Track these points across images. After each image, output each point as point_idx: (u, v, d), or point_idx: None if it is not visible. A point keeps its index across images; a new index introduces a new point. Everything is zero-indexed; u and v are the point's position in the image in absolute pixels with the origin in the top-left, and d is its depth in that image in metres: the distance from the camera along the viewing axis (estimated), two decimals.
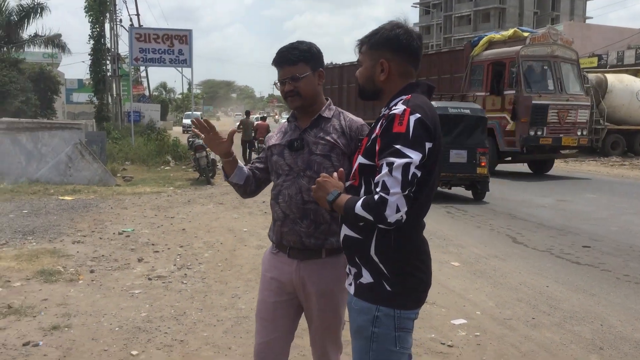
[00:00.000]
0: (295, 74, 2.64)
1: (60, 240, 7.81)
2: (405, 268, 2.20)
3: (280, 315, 2.75)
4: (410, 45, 2.27)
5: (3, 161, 13.60)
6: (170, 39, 22.41)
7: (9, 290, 5.67)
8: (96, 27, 22.41)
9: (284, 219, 2.69)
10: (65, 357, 4.15)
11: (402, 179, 2.03)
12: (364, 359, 2.22)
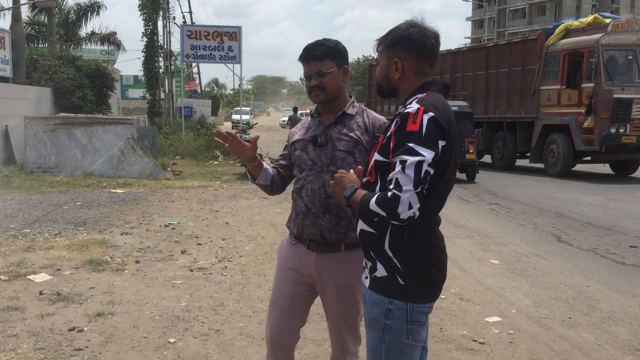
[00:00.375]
0: (322, 69, 2.71)
1: (110, 232, 8.12)
2: (418, 262, 2.24)
3: (297, 305, 2.85)
4: (424, 44, 2.30)
5: (60, 155, 14.19)
6: (220, 36, 22.77)
7: (59, 278, 5.96)
8: (149, 25, 23.02)
9: (306, 213, 2.77)
10: (107, 343, 4.35)
11: (415, 176, 2.08)
12: (377, 350, 2.28)
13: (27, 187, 12.30)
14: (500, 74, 18.75)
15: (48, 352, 4.15)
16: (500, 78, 18.70)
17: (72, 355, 4.11)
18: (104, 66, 21.96)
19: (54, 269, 6.28)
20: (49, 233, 7.98)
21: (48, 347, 4.24)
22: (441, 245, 2.35)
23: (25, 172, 13.86)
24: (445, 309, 5.22)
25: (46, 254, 6.90)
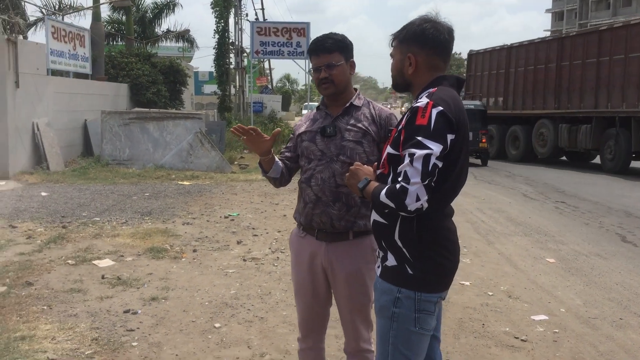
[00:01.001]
0: (331, 61, 2.79)
1: (172, 221, 8.48)
2: (427, 253, 2.28)
3: (319, 291, 2.94)
4: (437, 39, 2.33)
5: (133, 148, 14.85)
6: (289, 32, 23.07)
7: (121, 264, 6.30)
8: (221, 23, 23.63)
9: (316, 202, 2.84)
10: (157, 325, 4.60)
11: (422, 169, 2.12)
12: (385, 337, 2.34)
13: (102, 178, 12.97)
14: (614, 62, 16.59)
15: (102, 331, 4.43)
16: (614, 66, 16.58)
17: (124, 335, 4.37)
18: (177, 63, 22.71)
19: (117, 255, 6.65)
20: (117, 221, 8.42)
21: (103, 327, 4.52)
22: (451, 237, 2.37)
23: (102, 164, 14.59)
24: (490, 306, 5.18)
25: (112, 241, 7.29)
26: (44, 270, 6.00)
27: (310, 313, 3.00)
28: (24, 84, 13.18)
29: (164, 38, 27.24)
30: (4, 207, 9.42)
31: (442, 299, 2.40)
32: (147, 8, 26.21)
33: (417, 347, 2.32)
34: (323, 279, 2.93)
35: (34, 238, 7.38)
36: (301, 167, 2.95)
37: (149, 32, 26.48)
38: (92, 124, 16.29)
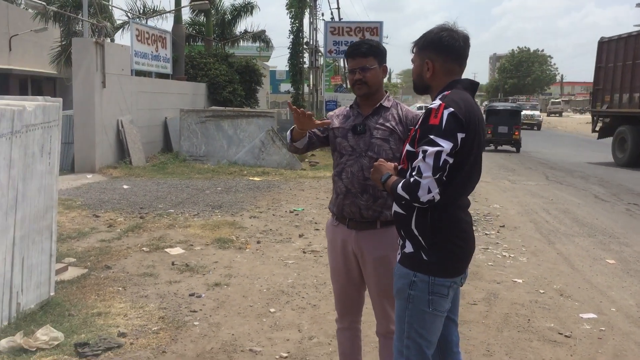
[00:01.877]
0: (366, 65, 3.04)
1: (240, 215, 8.93)
2: (440, 241, 2.49)
3: (352, 276, 3.20)
4: (453, 46, 2.55)
5: (209, 144, 15.55)
6: (362, 32, 23.32)
7: (190, 253, 6.77)
8: (295, 23, 24.17)
9: (346, 193, 3.10)
10: (217, 308, 4.98)
11: (434, 164, 2.35)
12: (402, 317, 2.57)
13: (179, 173, 13.69)
14: None
15: (169, 311, 4.86)
16: None
17: (187, 315, 4.78)
18: (253, 62, 23.42)
19: (187, 244, 7.13)
20: (189, 214, 8.95)
21: (169, 307, 4.96)
22: (465, 227, 2.56)
23: (179, 159, 15.37)
24: (539, 303, 5.25)
25: (184, 231, 7.80)
26: (121, 255, 6.55)
27: (345, 295, 3.27)
28: (110, 84, 14.09)
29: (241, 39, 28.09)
30: (90, 198, 10.19)
31: (458, 284, 2.59)
32: (226, 10, 27.09)
33: (431, 326, 2.53)
34: (355, 264, 3.18)
35: (114, 227, 8.00)
36: (333, 161, 3.23)
37: (227, 33, 27.37)
38: (172, 121, 17.15)
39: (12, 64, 21.96)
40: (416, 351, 2.53)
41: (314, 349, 4.18)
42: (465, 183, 2.53)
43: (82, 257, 6.44)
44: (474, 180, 2.60)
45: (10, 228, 4.31)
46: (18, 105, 4.35)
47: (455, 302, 2.75)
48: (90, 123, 13.57)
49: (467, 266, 2.62)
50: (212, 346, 4.19)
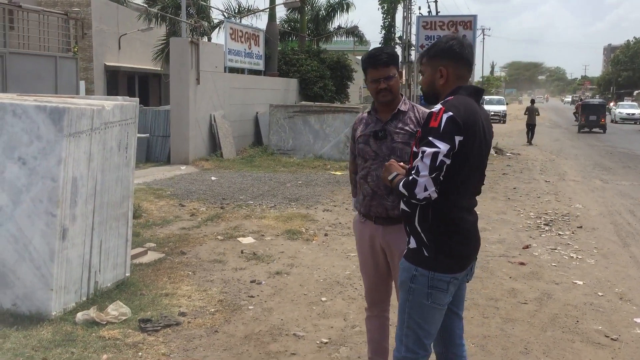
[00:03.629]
0: (389, 74, 3.22)
1: (315, 208, 9.27)
2: (441, 238, 2.65)
3: (380, 267, 3.41)
4: (463, 54, 2.70)
5: (296, 139, 16.06)
6: (455, 25, 23.04)
7: (260, 242, 7.18)
8: (387, 18, 24.25)
9: (372, 195, 3.30)
10: (274, 294, 5.33)
11: (430, 164, 2.51)
12: (403, 307, 2.75)
13: (265, 166, 14.26)
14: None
15: (228, 295, 5.26)
16: None
17: (244, 300, 5.16)
18: (344, 58, 23.75)
19: (259, 234, 7.55)
20: (267, 205, 9.40)
21: (230, 292, 5.35)
22: (467, 227, 2.70)
23: (268, 153, 15.99)
24: (594, 305, 5.18)
25: (258, 222, 8.24)
26: (197, 243, 7.06)
27: (374, 286, 3.49)
28: (204, 81, 14.89)
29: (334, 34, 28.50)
30: (179, 188, 10.91)
31: (459, 280, 2.74)
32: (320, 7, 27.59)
33: (429, 318, 2.70)
34: (383, 258, 3.39)
35: (196, 216, 8.57)
36: (358, 165, 3.42)
37: (322, 29, 27.86)
38: (263, 116, 17.81)
39: (121, 62, 23.55)
40: (414, 340, 2.72)
41: (354, 336, 4.41)
42: (466, 184, 2.67)
43: (162, 242, 7.00)
44: (477, 182, 2.73)
45: (89, 214, 4.85)
46: (98, 105, 4.88)
47: (460, 297, 2.89)
48: (185, 118, 14.41)
49: (469, 264, 2.76)
50: (261, 329, 4.52)
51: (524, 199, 10.58)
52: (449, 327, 2.89)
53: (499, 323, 4.75)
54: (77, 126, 4.59)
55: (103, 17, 22.39)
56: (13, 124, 4.53)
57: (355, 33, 28.27)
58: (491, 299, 5.32)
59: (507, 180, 12.95)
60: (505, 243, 7.39)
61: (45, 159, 4.48)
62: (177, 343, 4.20)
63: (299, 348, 4.22)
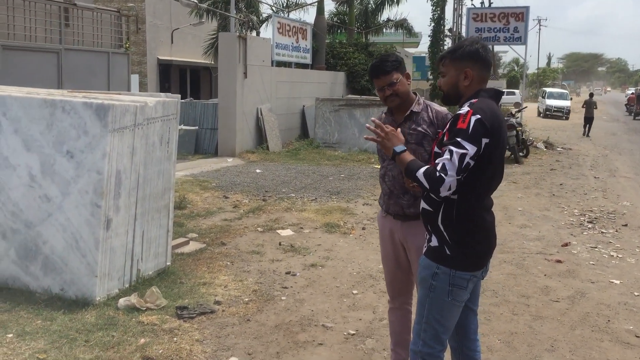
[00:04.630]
0: (392, 80, 3.31)
1: (355, 202, 9.38)
2: (464, 238, 2.73)
3: (401, 260, 3.51)
4: (486, 57, 2.77)
5: (341, 132, 16.17)
6: (506, 17, 22.60)
7: (298, 235, 7.34)
8: (437, 10, 23.98)
9: (389, 194, 3.41)
10: (307, 286, 5.48)
11: (458, 165, 2.58)
12: (423, 303, 2.84)
13: (310, 159, 14.44)
14: None
15: (263, 286, 5.44)
16: None
17: (278, 290, 5.33)
18: (392, 51, 23.62)
19: (298, 227, 7.72)
20: (308, 198, 9.57)
21: (265, 282, 5.54)
22: (487, 226, 2.77)
23: (313, 146, 16.16)
24: (629, 305, 5.14)
25: (298, 215, 8.41)
26: (238, 234, 7.28)
27: (395, 279, 3.59)
28: (251, 75, 15.16)
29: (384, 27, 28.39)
30: (224, 180, 11.20)
31: (478, 277, 2.81)
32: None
33: (448, 314, 2.79)
34: (403, 251, 3.49)
35: (239, 207, 8.81)
36: (380, 163, 3.54)
37: (371, 22, 27.80)
38: (309, 109, 17.99)
39: (174, 56, 24.18)
40: (432, 335, 2.82)
41: (381, 329, 4.52)
42: (489, 184, 2.74)
43: (204, 233, 7.25)
44: (497, 182, 2.81)
45: (132, 205, 5.11)
46: (141, 102, 5.12)
47: (476, 293, 2.97)
48: (232, 111, 14.72)
49: (487, 261, 2.84)
50: (291, 319, 4.69)
51: (570, 196, 10.41)
52: (464, 322, 2.97)
53: (527, 320, 4.77)
54: (121, 122, 4.84)
55: (157, 12, 23.02)
56: (62, 120, 4.82)
57: (404, 26, 28.10)
58: (522, 296, 5.32)
59: (554, 176, 12.74)
60: (544, 240, 7.33)
61: (91, 152, 4.75)
62: (210, 330, 4.40)
63: (327, 338, 4.36)
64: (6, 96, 4.99)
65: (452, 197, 2.71)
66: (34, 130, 4.88)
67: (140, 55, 22.13)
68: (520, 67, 72.55)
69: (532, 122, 27.15)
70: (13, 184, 4.97)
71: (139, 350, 3.99)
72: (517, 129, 14.81)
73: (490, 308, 5.02)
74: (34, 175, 4.89)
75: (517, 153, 14.66)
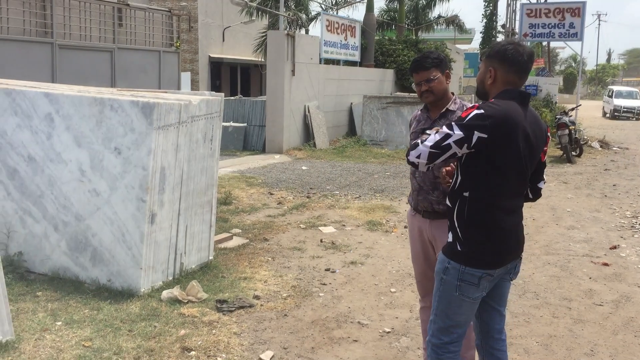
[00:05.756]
0: (429, 77, 3.32)
1: (398, 200, 9.36)
2: (475, 235, 2.74)
3: (430, 258, 3.51)
4: (516, 59, 2.75)
5: (388, 130, 16.13)
6: (562, 13, 22.01)
7: (340, 232, 7.40)
8: (489, 6, 23.61)
9: (419, 190, 3.42)
10: (345, 283, 5.53)
11: (437, 141, 2.68)
12: (435, 295, 2.90)
13: (356, 157, 14.46)
14: None
15: (302, 282, 5.52)
16: None
17: (316, 287, 5.40)
18: (442, 47, 23.38)
19: (340, 224, 7.77)
20: (352, 196, 9.61)
21: (304, 278, 5.61)
22: (504, 226, 2.76)
23: (360, 143, 16.17)
24: None
25: (341, 212, 8.46)
26: (280, 230, 7.39)
27: (425, 277, 3.61)
28: (299, 72, 15.28)
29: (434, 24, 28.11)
30: (270, 177, 11.35)
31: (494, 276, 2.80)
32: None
33: (456, 308, 2.82)
34: (432, 250, 3.50)
35: (283, 204, 8.93)
36: None
37: (421, 19, 27.57)
38: (357, 107, 18.00)
39: (225, 53, 24.58)
40: (440, 327, 2.87)
41: (417, 328, 4.52)
42: (503, 185, 2.73)
43: (248, 229, 7.39)
44: (516, 185, 2.78)
45: (176, 201, 5.26)
46: (185, 100, 5.27)
47: (500, 294, 2.96)
48: (280, 108, 14.87)
49: (506, 262, 2.81)
50: (328, 315, 4.74)
51: (623, 197, 10.11)
52: (487, 321, 2.98)
53: (568, 323, 4.69)
54: (166, 119, 4.99)
55: (209, 10, 23.45)
56: (111, 117, 5.00)
57: (455, 22, 27.76)
58: (565, 299, 5.23)
59: (607, 176, 12.37)
60: (591, 242, 7.16)
61: (137, 149, 4.92)
62: (248, 324, 4.51)
63: (361, 335, 4.40)
64: (59, 95, 5.22)
65: (464, 194, 2.77)
66: (84, 127, 5.09)
67: (192, 53, 22.59)
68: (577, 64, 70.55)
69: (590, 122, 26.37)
70: (65, 179, 5.19)
71: (178, 341, 4.12)
72: (570, 127, 14.44)
73: (531, 310, 4.96)
74: (84, 170, 5.10)
75: (569, 152, 14.29)
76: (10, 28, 9.01)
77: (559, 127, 14.43)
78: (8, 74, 7.96)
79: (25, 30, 9.19)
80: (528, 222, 8.05)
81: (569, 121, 14.69)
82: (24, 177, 5.33)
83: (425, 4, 27.30)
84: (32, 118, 5.25)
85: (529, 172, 2.82)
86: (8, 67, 8.68)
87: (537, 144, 2.81)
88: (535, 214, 8.54)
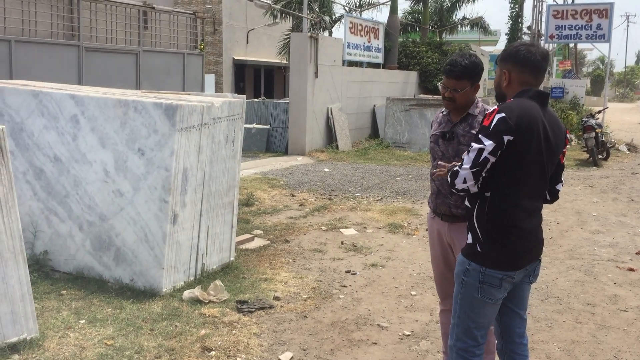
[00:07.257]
0: (457, 87, 3.28)
1: (420, 202, 9.32)
2: (495, 236, 2.72)
3: (449, 261, 3.51)
4: (529, 60, 2.73)
5: (412, 132, 16.08)
6: (589, 14, 21.73)
7: (361, 234, 7.39)
8: (515, 8, 23.40)
9: (437, 193, 3.40)
10: (366, 286, 5.52)
11: (474, 159, 2.64)
12: (456, 297, 2.89)
13: (378, 159, 14.43)
14: None
15: (323, 284, 5.52)
16: None
17: (337, 289, 5.40)
18: (466, 50, 23.20)
19: (361, 226, 7.76)
20: (373, 198, 9.59)
21: (325, 280, 5.62)
22: (524, 226, 2.74)
23: (382, 145, 16.14)
24: None
25: (363, 214, 8.46)
26: (301, 232, 7.40)
27: (444, 280, 3.59)
28: (322, 74, 15.31)
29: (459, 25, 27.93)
30: (292, 178, 11.38)
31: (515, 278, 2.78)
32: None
33: (479, 310, 2.80)
34: (451, 252, 3.49)
35: (305, 206, 8.95)
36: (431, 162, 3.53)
37: (446, 21, 27.42)
38: (380, 109, 17.97)
39: (249, 56, 24.70)
40: (463, 329, 2.86)
41: (437, 331, 4.50)
42: (522, 184, 2.71)
43: (269, 230, 7.42)
44: (537, 186, 2.76)
45: (198, 202, 5.31)
46: (208, 102, 5.31)
47: (521, 297, 2.93)
48: (303, 110, 14.91)
49: (525, 264, 2.79)
50: (347, 317, 4.74)
51: None
52: (508, 325, 2.96)
53: (591, 329, 4.63)
54: (189, 121, 5.04)
55: (233, 13, 23.59)
56: (134, 119, 5.07)
57: (480, 24, 27.55)
58: (588, 304, 5.16)
59: (635, 180, 12.17)
60: (617, 247, 7.04)
61: (160, 150, 4.98)
62: (268, 325, 4.53)
63: (381, 338, 4.39)
64: (84, 96, 5.30)
65: (485, 195, 2.75)
66: (108, 128, 5.17)
67: (216, 55, 22.75)
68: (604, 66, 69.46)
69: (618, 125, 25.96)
70: (90, 179, 5.27)
71: (199, 340, 4.16)
72: (597, 130, 14.22)
73: (553, 315, 4.90)
74: (108, 171, 5.18)
75: (595, 156, 14.07)
76: (39, 31, 9.18)
77: (585, 129, 14.23)
78: (36, 75, 8.11)
79: (53, 33, 9.35)
80: (552, 226, 7.96)
81: (596, 124, 14.47)
82: (50, 177, 5.42)
83: (449, 5, 27.15)
84: (59, 119, 5.34)
85: (549, 172, 2.80)
86: (35, 69, 8.84)
87: (557, 144, 2.79)
88: (559, 217, 8.43)
